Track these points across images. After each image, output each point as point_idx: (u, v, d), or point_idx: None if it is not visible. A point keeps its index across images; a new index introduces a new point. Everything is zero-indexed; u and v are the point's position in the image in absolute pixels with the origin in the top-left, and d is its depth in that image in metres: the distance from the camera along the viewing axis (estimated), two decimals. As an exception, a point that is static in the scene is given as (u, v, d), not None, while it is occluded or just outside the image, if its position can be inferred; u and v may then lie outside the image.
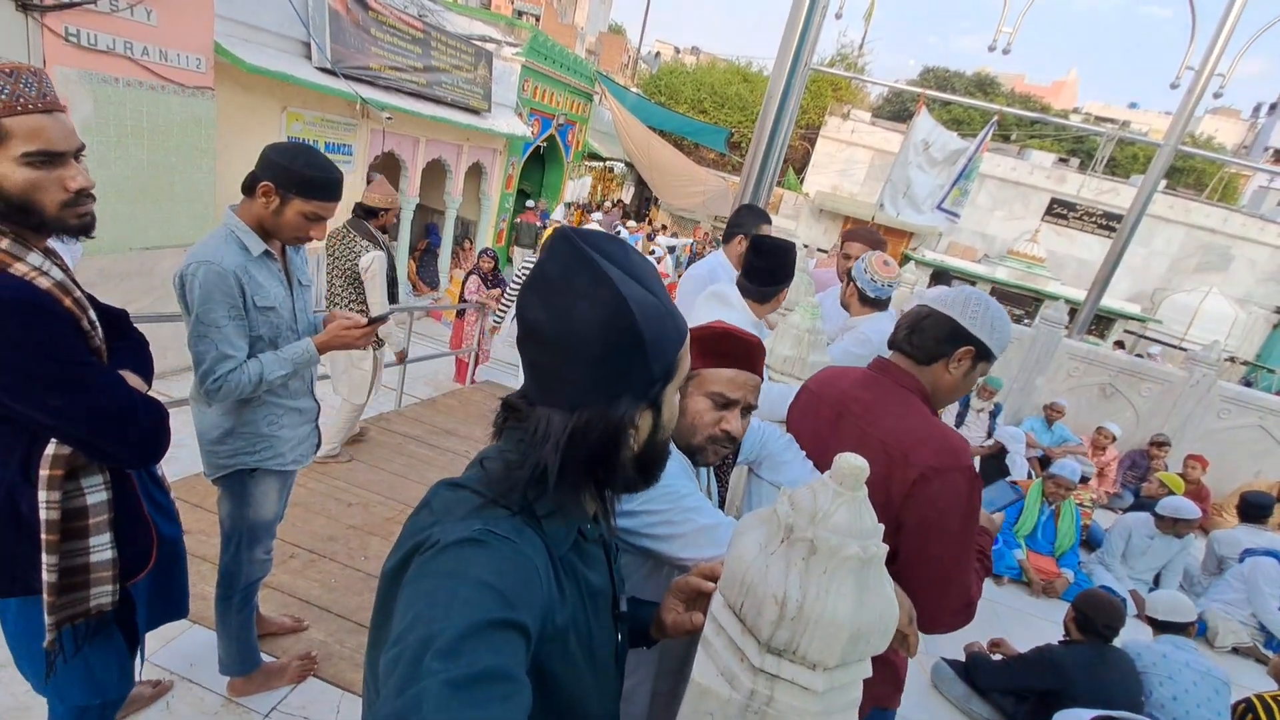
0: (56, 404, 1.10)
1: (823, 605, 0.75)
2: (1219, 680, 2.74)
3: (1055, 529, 4.17)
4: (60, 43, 4.12)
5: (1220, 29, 6.01)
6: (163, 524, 1.43)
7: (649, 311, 0.68)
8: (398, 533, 2.82)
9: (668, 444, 0.80)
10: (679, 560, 1.09)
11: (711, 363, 1.19)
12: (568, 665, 0.73)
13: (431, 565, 0.63)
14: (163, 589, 1.48)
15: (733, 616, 0.84)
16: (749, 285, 2.22)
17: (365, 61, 6.87)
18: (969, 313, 1.32)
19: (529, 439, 0.72)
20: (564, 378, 0.70)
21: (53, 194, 1.10)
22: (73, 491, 1.20)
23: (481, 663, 0.53)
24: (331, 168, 1.63)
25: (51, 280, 1.11)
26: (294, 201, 1.59)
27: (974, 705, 2.92)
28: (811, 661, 0.77)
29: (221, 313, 1.54)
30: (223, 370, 1.56)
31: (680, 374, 0.76)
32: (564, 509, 0.74)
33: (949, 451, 1.25)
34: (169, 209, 5.06)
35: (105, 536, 1.24)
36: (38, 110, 1.07)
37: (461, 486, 0.74)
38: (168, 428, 1.29)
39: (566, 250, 0.69)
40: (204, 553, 2.73)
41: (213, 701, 2.08)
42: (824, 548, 0.76)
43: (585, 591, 0.78)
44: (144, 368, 1.34)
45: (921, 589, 1.22)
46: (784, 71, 3.32)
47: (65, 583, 1.21)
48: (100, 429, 1.15)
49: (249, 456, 1.74)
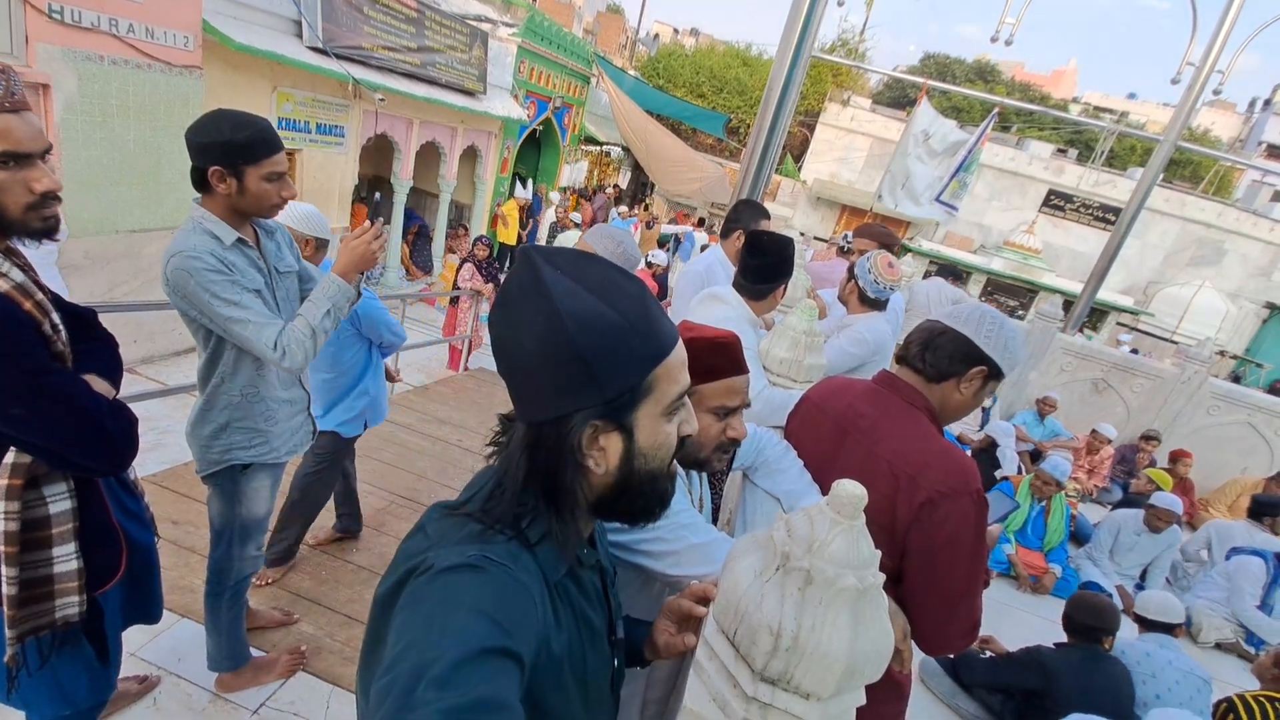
0: (16, 413, 1.07)
1: (818, 637, 0.73)
2: (1201, 679, 2.78)
3: (1045, 525, 4.20)
4: (43, 19, 4.00)
5: (1220, 25, 5.97)
6: (134, 531, 1.39)
7: (596, 327, 0.65)
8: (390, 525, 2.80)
9: (659, 476, 0.74)
10: (671, 578, 1.07)
11: (703, 379, 1.16)
12: (561, 693, 0.73)
13: (425, 591, 0.62)
14: (135, 598, 1.45)
15: (726, 642, 0.83)
16: (746, 283, 2.19)
17: (358, 41, 6.73)
18: (983, 331, 1.29)
19: (504, 453, 0.75)
20: (520, 393, 0.71)
21: (17, 195, 1.07)
22: (33, 501, 1.15)
23: (475, 692, 0.52)
24: (255, 119, 1.52)
25: (10, 283, 1.07)
26: (247, 171, 1.50)
27: (960, 701, 2.95)
28: (805, 691, 0.76)
29: (229, 290, 1.49)
30: (273, 335, 1.51)
31: (661, 398, 0.72)
32: (554, 534, 0.72)
33: (958, 475, 1.23)
34: (155, 191, 4.96)
35: (70, 546, 1.20)
36: (5, 110, 1.03)
37: (456, 510, 0.74)
38: (135, 434, 1.26)
39: (523, 268, 0.68)
40: (192, 544, 2.71)
41: (201, 697, 2.07)
42: (820, 578, 0.74)
43: (580, 618, 0.77)
44: (112, 371, 1.30)
45: (928, 614, 1.21)
46: (786, 58, 3.25)
47: (26, 595, 1.16)
48: (63, 439, 1.12)
49: (243, 451, 1.72)
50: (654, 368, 0.70)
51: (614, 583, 0.93)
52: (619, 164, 19.01)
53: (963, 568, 1.25)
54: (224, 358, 1.65)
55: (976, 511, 1.23)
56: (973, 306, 1.35)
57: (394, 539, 3.10)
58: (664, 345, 0.71)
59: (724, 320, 2.07)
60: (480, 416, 5.28)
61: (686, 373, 0.75)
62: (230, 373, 1.66)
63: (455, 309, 6.52)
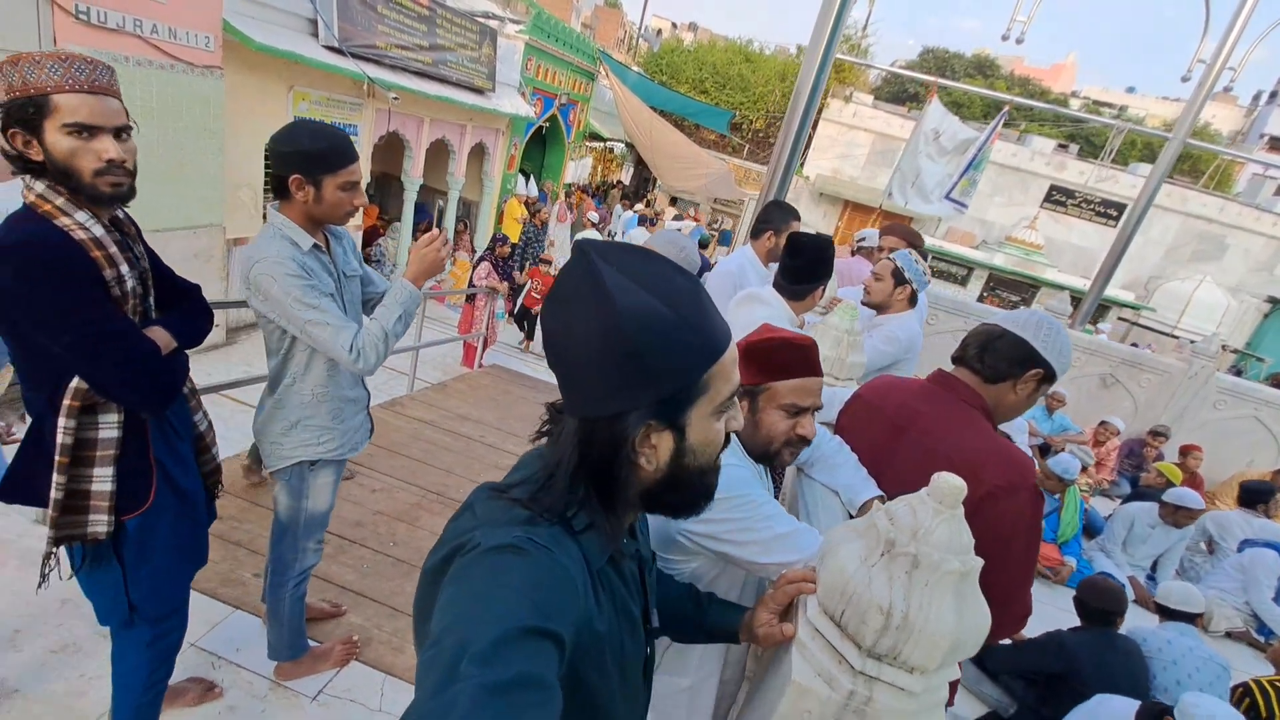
0: (67, 339, 1.25)
1: (926, 616, 0.80)
2: (1220, 666, 2.86)
3: (1059, 518, 4.29)
4: (70, 20, 4.04)
5: (1234, 22, 6.02)
6: (180, 475, 1.53)
7: (654, 326, 0.65)
8: (424, 519, 2.90)
9: (707, 472, 0.75)
10: (757, 565, 1.14)
11: (777, 376, 1.22)
12: (601, 674, 0.75)
13: (471, 569, 0.65)
14: (180, 537, 1.56)
15: (830, 623, 0.90)
16: (785, 284, 2.25)
17: (372, 40, 6.76)
18: (1042, 336, 1.35)
19: (554, 444, 0.75)
20: (573, 388, 0.71)
21: (88, 161, 1.25)
22: (87, 424, 1.34)
23: (515, 668, 0.54)
24: (334, 131, 1.61)
25: (88, 235, 1.27)
26: (326, 180, 1.59)
27: (984, 688, 3.03)
28: (911, 666, 0.83)
29: (307, 293, 1.56)
30: (349, 339, 1.59)
31: (715, 397, 0.71)
32: (598, 525, 0.73)
33: (1017, 470, 1.29)
34: (179, 191, 5.00)
35: (108, 470, 1.37)
36: (83, 90, 1.23)
37: (503, 493, 0.75)
38: (175, 381, 1.43)
39: (579, 263, 0.68)
40: (238, 539, 2.78)
41: (261, 685, 2.14)
42: (927, 562, 0.81)
43: (620, 605, 0.79)
44: (181, 331, 1.47)
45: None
46: (816, 60, 3.30)
47: (69, 504, 1.35)
48: (107, 370, 1.29)
49: (312, 448, 1.78)
50: (710, 366, 0.69)
51: (652, 571, 0.95)
52: (622, 160, 19.03)
53: (1019, 560, 1.32)
54: (296, 358, 1.72)
55: (1033, 506, 1.30)
56: (1030, 313, 1.41)
57: (428, 533, 3.17)
58: (719, 344, 0.70)
59: (764, 320, 2.14)
60: (498, 414, 5.34)
61: (738, 371, 0.75)
62: (302, 373, 1.73)
63: (471, 306, 6.57)
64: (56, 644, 2.06)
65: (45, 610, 2.15)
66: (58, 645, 2.06)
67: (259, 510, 2.97)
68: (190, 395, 1.64)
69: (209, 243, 5.39)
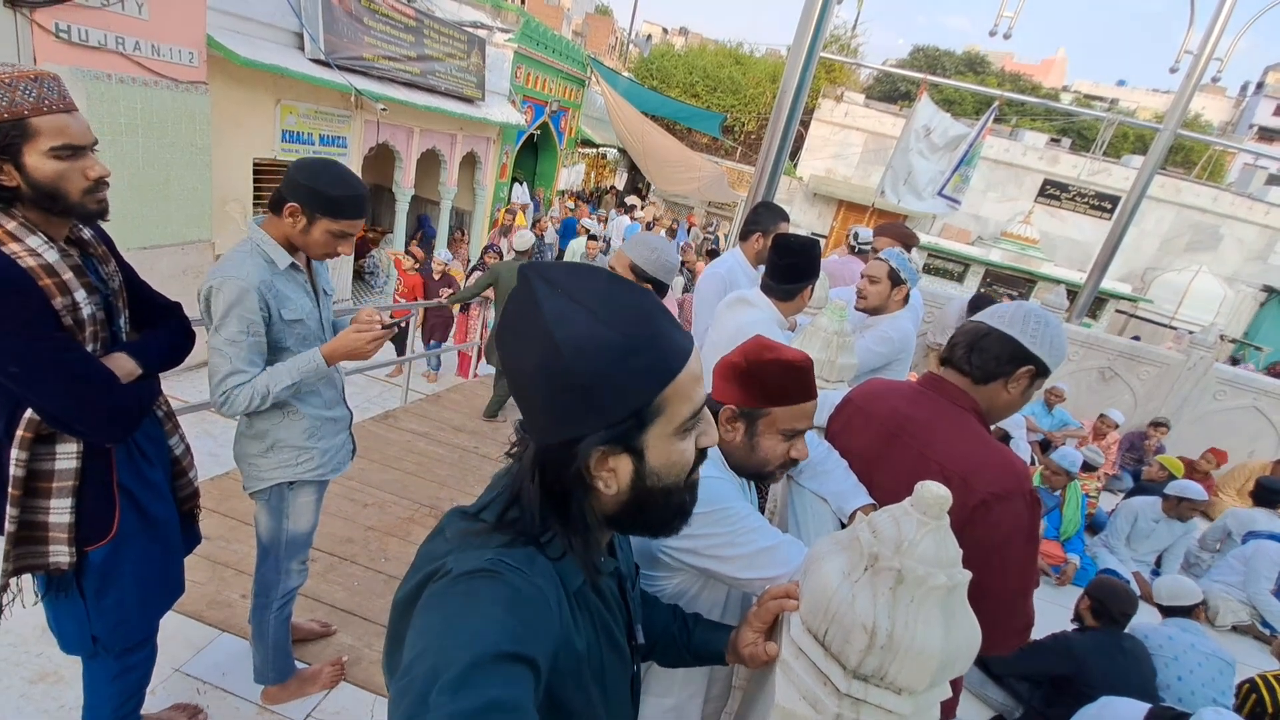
0: (13, 371, 1.21)
1: (912, 634, 0.76)
2: (1224, 661, 2.82)
3: (1060, 515, 4.24)
4: (50, 39, 4.03)
5: (1218, 13, 6.01)
6: (150, 502, 1.49)
7: (597, 355, 0.62)
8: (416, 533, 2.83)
9: (673, 492, 0.72)
10: (741, 581, 1.10)
11: (778, 402, 1.17)
12: (583, 695, 0.73)
13: (443, 595, 0.63)
14: (151, 566, 1.52)
15: (814, 642, 0.85)
16: (773, 284, 2.21)
17: (359, 51, 6.75)
18: (1029, 330, 1.29)
19: (518, 465, 0.74)
20: (526, 414, 0.70)
21: (76, 182, 1.24)
22: (43, 454, 1.31)
23: (486, 695, 0.53)
24: (357, 185, 1.61)
25: (37, 261, 1.22)
26: (321, 221, 1.57)
27: (989, 691, 2.98)
28: (899, 687, 0.79)
29: (238, 329, 1.54)
30: (230, 385, 1.56)
31: (673, 417, 0.68)
32: (572, 546, 0.72)
33: (1011, 476, 1.24)
34: (165, 207, 4.98)
35: (66, 501, 1.33)
36: (60, 110, 1.21)
37: (475, 516, 0.74)
38: (133, 409, 1.37)
39: (520, 289, 0.67)
40: (225, 559, 2.73)
41: (248, 710, 2.09)
42: (911, 577, 0.77)
43: (599, 623, 0.78)
44: (155, 354, 1.43)
45: (982, 615, 1.22)
46: (799, 61, 3.28)
47: (24, 535, 1.32)
48: (56, 401, 1.25)
49: (290, 469, 1.74)
50: (662, 389, 0.66)
51: (634, 587, 0.93)
52: (614, 165, 19.04)
53: (1016, 568, 1.27)
54: None
55: (1030, 513, 1.25)
56: (1016, 306, 1.34)
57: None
58: (672, 365, 0.66)
59: (753, 323, 2.10)
60: (493, 423, 5.30)
61: (701, 388, 0.71)
62: None
63: (465, 316, 6.54)
64: (35, 674, 2.01)
65: (24, 639, 2.10)
66: (36, 675, 2.01)
67: (246, 529, 2.92)
68: (166, 419, 1.60)
69: (198, 258, 5.36)
